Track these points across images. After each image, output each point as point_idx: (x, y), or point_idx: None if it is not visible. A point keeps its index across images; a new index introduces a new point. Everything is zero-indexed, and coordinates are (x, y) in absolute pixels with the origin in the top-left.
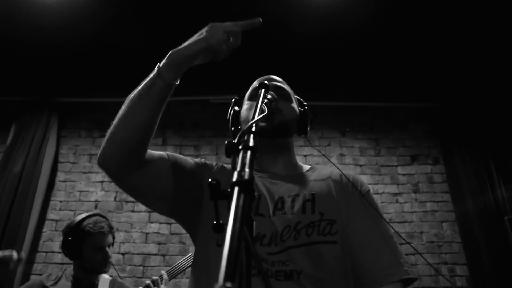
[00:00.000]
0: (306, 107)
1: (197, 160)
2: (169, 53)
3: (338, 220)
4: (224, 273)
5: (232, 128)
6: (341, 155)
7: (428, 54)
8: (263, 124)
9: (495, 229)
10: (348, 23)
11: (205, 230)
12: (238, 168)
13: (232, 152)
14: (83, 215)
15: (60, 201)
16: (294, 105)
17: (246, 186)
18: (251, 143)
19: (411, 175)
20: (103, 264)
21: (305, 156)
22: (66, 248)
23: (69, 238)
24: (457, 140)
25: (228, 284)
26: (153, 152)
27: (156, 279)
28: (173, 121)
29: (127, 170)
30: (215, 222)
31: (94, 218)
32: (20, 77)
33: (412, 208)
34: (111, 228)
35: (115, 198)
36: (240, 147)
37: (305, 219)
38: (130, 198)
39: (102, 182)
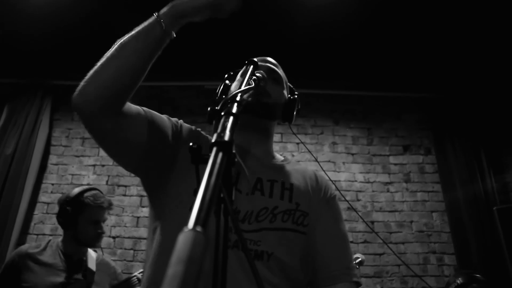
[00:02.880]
0: (296, 96)
1: (174, 119)
2: (171, 3)
3: (310, 214)
4: (195, 218)
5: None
6: (334, 143)
7: (423, 44)
8: (249, 99)
9: (484, 220)
10: (343, 13)
11: (175, 193)
12: (218, 130)
13: (214, 117)
14: (83, 187)
15: (52, 184)
16: (284, 91)
17: (225, 146)
18: (233, 110)
19: (403, 165)
20: (96, 238)
21: (297, 143)
22: (62, 216)
23: (67, 208)
24: (449, 131)
25: (198, 228)
26: (131, 105)
27: None
28: (167, 106)
29: (104, 116)
30: (196, 187)
31: (94, 192)
32: (13, 59)
33: (403, 197)
34: (110, 204)
35: (107, 182)
36: (222, 113)
37: (283, 206)
38: (122, 182)
39: (94, 165)
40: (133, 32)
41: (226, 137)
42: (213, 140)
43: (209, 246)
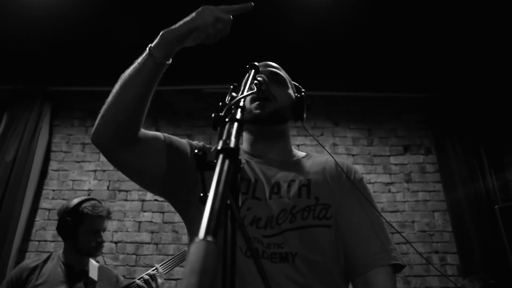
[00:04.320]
0: (303, 93)
1: (195, 142)
2: (161, 33)
3: (332, 205)
4: (205, 228)
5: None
6: (334, 144)
7: (421, 44)
8: (257, 111)
9: (486, 219)
10: (341, 14)
11: (196, 211)
12: (224, 137)
13: (218, 124)
14: (82, 198)
15: (53, 190)
16: (290, 91)
17: (231, 153)
18: (237, 116)
19: (404, 165)
20: (96, 248)
21: (298, 145)
22: (62, 228)
23: (67, 218)
24: (449, 130)
25: (209, 238)
26: (148, 132)
27: (153, 274)
28: (166, 110)
29: (120, 145)
30: (201, 194)
31: (92, 202)
32: (12, 65)
33: (404, 197)
34: (108, 213)
35: (108, 187)
36: (227, 119)
37: (301, 203)
38: (123, 187)
39: (95, 171)
40: (131, 68)
41: (232, 144)
42: (218, 147)
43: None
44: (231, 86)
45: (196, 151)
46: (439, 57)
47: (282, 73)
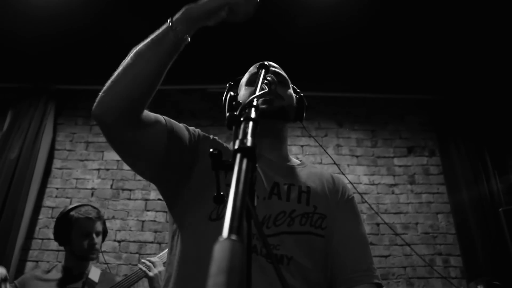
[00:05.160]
0: (301, 94)
1: (192, 128)
2: (184, 8)
3: (328, 217)
4: (228, 226)
5: (228, 113)
6: (338, 145)
7: (426, 46)
8: (264, 106)
9: (490, 221)
10: (346, 14)
11: (193, 202)
12: (240, 137)
13: (233, 123)
14: (75, 204)
15: (57, 188)
16: (291, 91)
17: (248, 152)
18: (252, 115)
19: (407, 167)
20: (89, 250)
21: (302, 146)
22: (56, 233)
23: (60, 224)
24: (453, 132)
25: (233, 237)
26: (149, 113)
27: (155, 261)
28: (170, 110)
29: (124, 125)
30: (216, 194)
31: (83, 207)
32: (17, 63)
33: (408, 199)
34: (99, 215)
35: (111, 186)
36: (242, 118)
37: (300, 209)
38: (127, 186)
39: (98, 170)
40: (147, 40)
41: (249, 143)
42: (236, 147)
43: None
44: (227, 85)
45: (211, 150)
46: (444, 59)
47: (283, 73)
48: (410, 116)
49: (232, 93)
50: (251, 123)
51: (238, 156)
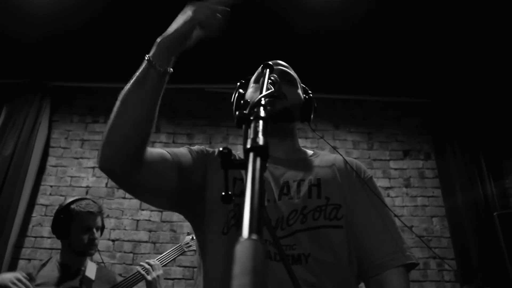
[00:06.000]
0: (311, 95)
1: (196, 149)
2: (156, 42)
3: (343, 205)
4: (248, 226)
5: (237, 112)
6: (334, 147)
7: (423, 50)
8: (268, 108)
9: (484, 225)
10: (344, 17)
11: (208, 218)
12: (252, 136)
13: (243, 122)
14: (76, 197)
15: (51, 186)
16: (300, 91)
17: (261, 151)
18: (262, 114)
19: (403, 170)
20: (89, 245)
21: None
22: (55, 226)
23: (60, 216)
24: (449, 136)
25: (254, 236)
26: (152, 150)
27: (154, 264)
28: (166, 109)
29: (132, 170)
30: (223, 193)
31: (86, 200)
32: (12, 59)
33: (403, 202)
34: (100, 210)
35: (106, 184)
36: (252, 117)
37: (312, 204)
38: None
39: (93, 168)
40: (130, 84)
41: (261, 142)
42: (248, 146)
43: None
44: (238, 83)
45: (221, 148)
46: (441, 62)
47: (292, 72)
48: (406, 119)
49: (241, 91)
50: (261, 122)
51: (251, 155)
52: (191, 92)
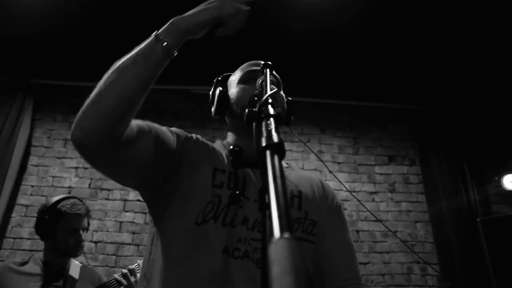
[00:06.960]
0: (289, 99)
1: (174, 129)
2: (171, 20)
3: (318, 223)
4: (278, 225)
5: (215, 109)
6: (320, 152)
7: (411, 57)
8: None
9: (468, 231)
10: (334, 22)
11: (178, 204)
12: (265, 134)
13: (253, 120)
14: (61, 196)
15: (32, 186)
16: (283, 94)
17: (278, 148)
18: (271, 112)
19: (388, 175)
20: (76, 247)
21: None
22: (40, 227)
23: (45, 217)
24: (434, 142)
25: (287, 235)
26: (131, 124)
27: (133, 268)
28: (153, 110)
29: (108, 147)
30: (232, 192)
31: (71, 200)
32: None
33: (388, 207)
34: (88, 211)
35: (89, 185)
36: (262, 115)
37: (292, 214)
38: (105, 186)
39: (76, 168)
40: (131, 54)
41: (275, 139)
42: (263, 144)
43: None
44: (215, 80)
45: (232, 147)
46: (429, 70)
47: (277, 76)
48: (392, 125)
49: (221, 89)
50: (272, 119)
51: (268, 152)
52: (177, 93)
